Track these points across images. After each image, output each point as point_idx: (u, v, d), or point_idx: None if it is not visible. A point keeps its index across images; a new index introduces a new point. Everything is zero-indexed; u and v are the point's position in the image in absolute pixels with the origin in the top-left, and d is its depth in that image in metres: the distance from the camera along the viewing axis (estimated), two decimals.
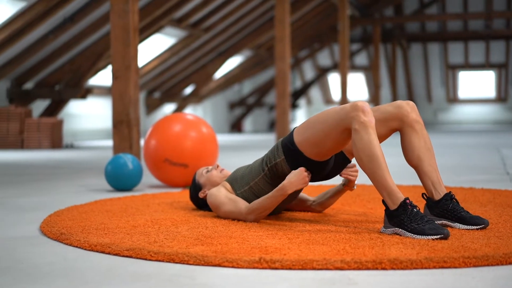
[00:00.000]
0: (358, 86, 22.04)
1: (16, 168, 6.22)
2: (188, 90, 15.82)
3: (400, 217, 2.41)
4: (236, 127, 18.99)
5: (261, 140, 12.86)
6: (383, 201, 2.48)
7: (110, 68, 11.07)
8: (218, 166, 3.16)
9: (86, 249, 2.33)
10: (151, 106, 14.51)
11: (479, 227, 2.54)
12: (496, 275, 1.93)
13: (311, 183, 4.45)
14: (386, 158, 2.65)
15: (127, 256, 2.20)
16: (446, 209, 2.61)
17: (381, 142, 2.66)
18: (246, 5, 12.72)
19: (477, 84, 21.81)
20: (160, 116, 14.92)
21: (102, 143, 11.49)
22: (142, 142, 7.12)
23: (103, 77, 12.48)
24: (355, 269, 1.99)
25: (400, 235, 2.42)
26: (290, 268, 2.00)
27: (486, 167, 5.78)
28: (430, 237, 2.33)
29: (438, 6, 19.88)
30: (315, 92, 22.70)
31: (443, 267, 2.00)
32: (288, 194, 2.70)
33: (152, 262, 2.12)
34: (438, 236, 2.33)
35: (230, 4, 12.31)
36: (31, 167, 6.33)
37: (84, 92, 10.70)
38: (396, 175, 4.48)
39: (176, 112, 14.15)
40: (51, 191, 4.20)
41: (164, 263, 2.10)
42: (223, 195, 2.88)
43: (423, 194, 2.70)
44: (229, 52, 14.86)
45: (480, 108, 21.89)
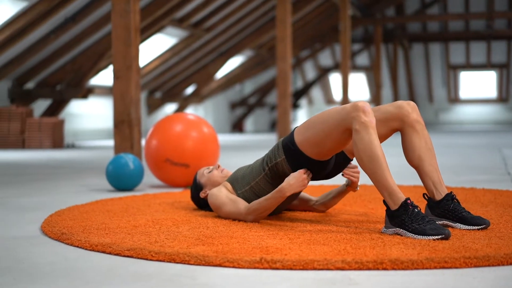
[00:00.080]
0: (359, 86, 22.04)
1: (17, 168, 6.23)
2: (189, 90, 15.82)
3: (401, 217, 2.41)
4: (237, 127, 18.99)
5: (262, 140, 12.86)
6: (384, 201, 2.48)
7: (111, 68, 11.03)
8: (219, 166, 3.16)
9: (87, 249, 2.33)
10: (152, 106, 14.52)
11: (480, 227, 2.54)
12: (497, 275, 1.93)
13: (312, 183, 4.45)
14: (387, 158, 2.65)
15: (128, 256, 2.20)
16: (447, 209, 2.61)
17: (381, 142, 2.66)
18: (248, 5, 12.71)
19: (478, 84, 21.80)
20: (161, 116, 14.92)
21: (103, 143, 11.49)
22: (143, 142, 7.12)
23: (105, 77, 12.48)
24: (356, 269, 1.99)
25: (401, 235, 2.41)
26: (291, 268, 2.00)
27: (487, 167, 5.77)
28: (431, 237, 2.33)
29: (439, 6, 19.87)
30: (316, 92, 22.70)
31: (444, 268, 2.00)
32: (286, 196, 2.70)
33: (153, 262, 2.12)
34: (439, 237, 2.33)
35: (232, 4, 12.31)
36: (32, 167, 6.33)
37: (85, 92, 10.70)
38: (397, 175, 4.48)
39: (177, 112, 14.15)
40: (52, 191, 4.21)
41: (165, 263, 2.10)
42: (224, 195, 2.88)
43: (424, 194, 2.70)
44: (230, 52, 14.86)
45: (482, 108, 21.88)
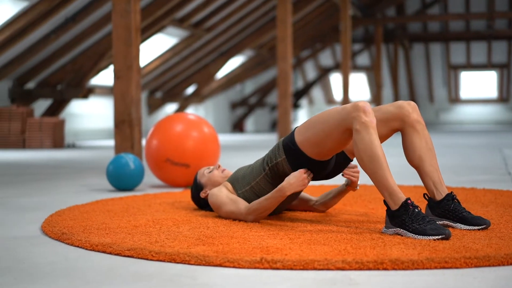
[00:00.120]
0: (360, 86, 22.04)
1: (18, 167, 6.23)
2: (190, 90, 15.82)
3: (402, 217, 2.41)
4: (238, 127, 18.99)
5: (263, 140, 12.86)
6: (385, 201, 2.48)
7: (112, 68, 11.06)
8: (219, 166, 3.16)
9: (87, 249, 2.33)
10: (153, 106, 14.52)
11: (480, 227, 2.54)
12: (498, 275, 1.93)
13: (312, 183, 4.45)
14: (387, 158, 2.65)
15: (129, 256, 2.20)
16: (448, 209, 2.61)
17: (382, 142, 2.66)
18: (248, 5, 12.71)
19: (479, 84, 21.80)
20: (161, 116, 14.92)
21: (104, 143, 11.50)
22: (144, 142, 7.12)
23: (105, 77, 12.49)
24: (356, 269, 1.99)
25: (402, 236, 2.41)
26: (291, 268, 2.00)
27: (487, 167, 5.77)
28: (431, 237, 2.33)
29: (440, 6, 19.87)
30: (317, 92, 22.69)
31: (445, 268, 2.00)
32: (286, 195, 2.70)
33: (153, 262, 2.12)
34: (440, 237, 2.33)
35: (232, 4, 12.31)
36: (33, 166, 6.33)
37: (86, 92, 10.70)
38: (397, 175, 4.48)
39: (178, 112, 14.15)
40: (53, 191, 4.21)
41: (166, 263, 2.10)
42: (224, 195, 2.88)
43: (424, 195, 2.70)
44: (231, 52, 14.86)
45: (482, 108, 21.88)
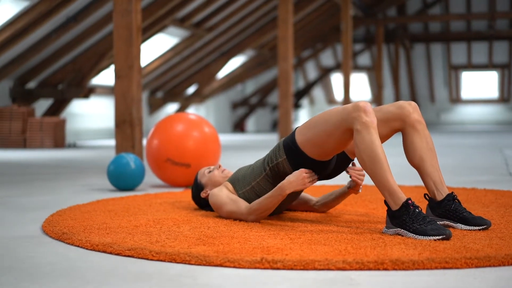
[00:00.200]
0: (360, 86, 22.04)
1: (19, 167, 6.23)
2: (191, 90, 15.82)
3: (402, 217, 2.41)
4: (238, 127, 18.99)
5: (263, 140, 12.86)
6: (385, 201, 2.48)
7: (112, 67, 11.06)
8: (220, 166, 3.16)
9: (87, 248, 2.33)
10: (154, 106, 14.52)
11: (481, 227, 2.54)
12: (498, 276, 1.93)
13: None
14: (388, 158, 2.64)
15: (129, 256, 2.20)
16: (448, 209, 2.61)
17: (383, 143, 2.66)
18: (249, 4, 12.72)
19: (480, 84, 21.80)
20: (162, 115, 14.93)
21: (105, 142, 11.50)
22: (145, 142, 7.12)
23: (106, 76, 12.48)
24: (356, 269, 1.99)
25: (402, 236, 2.41)
26: (292, 269, 2.00)
27: (488, 167, 5.77)
28: (432, 237, 2.33)
29: (441, 6, 19.86)
30: (318, 92, 22.69)
31: (445, 268, 2.00)
32: (286, 194, 2.70)
33: (153, 262, 2.12)
34: (440, 237, 2.32)
35: (233, 4, 12.31)
36: (34, 166, 6.33)
37: (86, 92, 10.70)
38: (398, 176, 4.48)
39: (179, 111, 14.15)
40: (53, 191, 4.21)
41: (166, 263, 2.10)
42: (224, 195, 2.88)
43: (425, 195, 2.70)
44: (232, 52, 14.86)
45: (483, 108, 21.87)
